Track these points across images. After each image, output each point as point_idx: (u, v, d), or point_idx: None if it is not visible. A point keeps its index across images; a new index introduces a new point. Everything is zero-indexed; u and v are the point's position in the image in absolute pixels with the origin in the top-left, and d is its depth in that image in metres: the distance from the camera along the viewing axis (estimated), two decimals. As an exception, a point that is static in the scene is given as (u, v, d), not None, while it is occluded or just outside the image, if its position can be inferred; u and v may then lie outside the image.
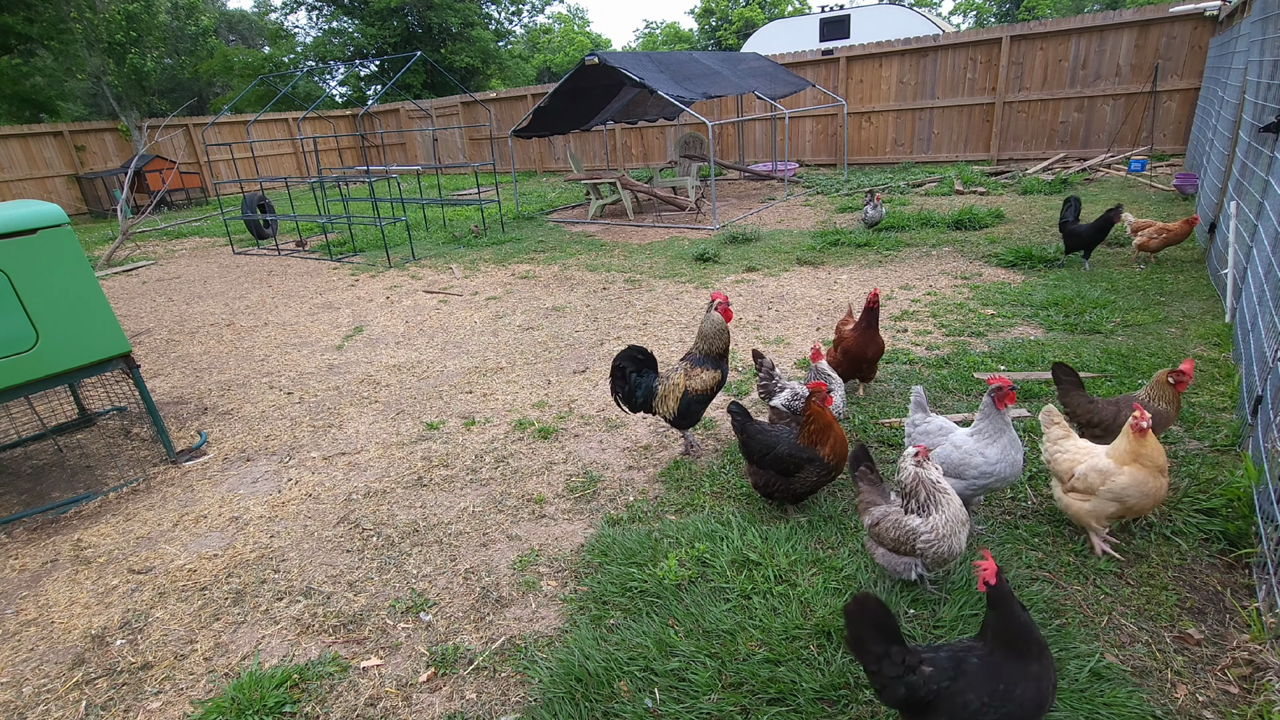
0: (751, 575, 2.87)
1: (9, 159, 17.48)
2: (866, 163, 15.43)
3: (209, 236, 14.12)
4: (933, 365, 4.95)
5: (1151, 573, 2.79)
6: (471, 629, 2.87)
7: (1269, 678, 2.25)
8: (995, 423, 2.88)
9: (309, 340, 6.94)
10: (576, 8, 62.89)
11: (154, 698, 2.67)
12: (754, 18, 40.44)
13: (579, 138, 18.98)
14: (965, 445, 2.93)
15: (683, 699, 2.37)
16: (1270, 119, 4.77)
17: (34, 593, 3.38)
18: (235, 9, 43.67)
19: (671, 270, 8.32)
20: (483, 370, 5.73)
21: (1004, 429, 2.88)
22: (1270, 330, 3.45)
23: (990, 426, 2.89)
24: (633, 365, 3.91)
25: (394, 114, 23.94)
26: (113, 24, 21.98)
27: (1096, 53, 12.43)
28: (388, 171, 14.14)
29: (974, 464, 2.88)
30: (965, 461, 2.91)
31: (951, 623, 2.54)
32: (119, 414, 5.35)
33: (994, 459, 2.86)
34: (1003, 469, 2.87)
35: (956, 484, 2.93)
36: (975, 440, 2.92)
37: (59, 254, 3.89)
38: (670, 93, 10.25)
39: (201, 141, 18.89)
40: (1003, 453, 2.86)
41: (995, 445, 2.87)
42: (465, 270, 9.32)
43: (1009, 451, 2.87)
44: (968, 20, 46.58)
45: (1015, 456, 2.88)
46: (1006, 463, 2.87)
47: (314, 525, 3.73)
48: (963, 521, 2.55)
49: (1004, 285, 6.64)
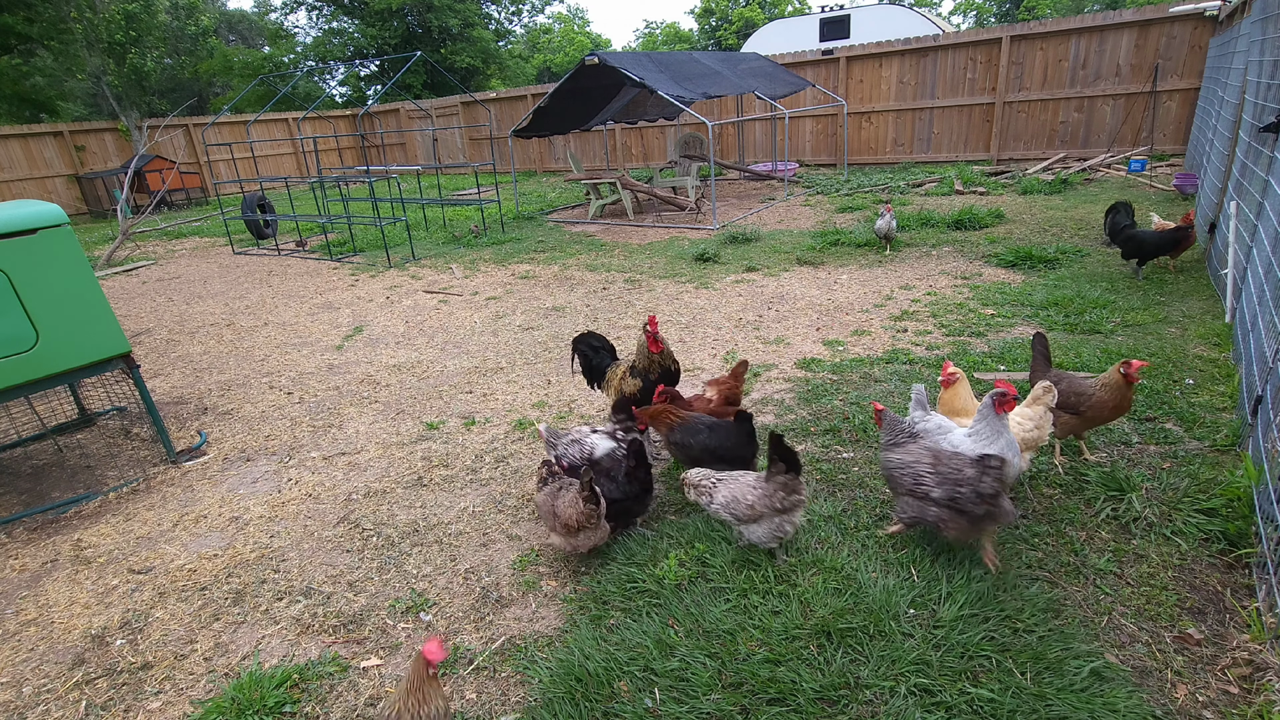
0: (751, 575, 2.87)
1: (9, 159, 17.48)
2: (866, 163, 15.43)
3: (209, 236, 14.12)
4: (933, 365, 4.95)
5: (1151, 573, 2.79)
6: (471, 629, 2.87)
7: (1269, 678, 2.25)
8: (994, 425, 2.89)
9: (309, 340, 6.94)
10: (576, 8, 62.96)
11: (154, 698, 2.67)
12: (754, 18, 40.44)
13: (579, 138, 18.98)
14: (963, 445, 2.94)
15: (683, 699, 2.37)
16: (1270, 119, 4.77)
17: (34, 593, 3.38)
18: (235, 9, 43.70)
19: (671, 270, 8.32)
20: (483, 370, 5.73)
21: (1002, 431, 2.88)
22: (1270, 330, 3.45)
23: (988, 429, 2.90)
24: (589, 349, 4.44)
25: (394, 114, 23.95)
26: (112, 24, 21.99)
27: (1096, 53, 12.43)
28: (388, 171, 14.15)
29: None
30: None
31: (951, 622, 2.54)
32: (119, 414, 5.35)
33: None
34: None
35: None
36: (973, 441, 2.92)
37: (59, 254, 3.89)
38: (670, 93, 10.25)
39: (201, 141, 18.89)
40: (1000, 454, 2.87)
41: (994, 447, 2.87)
42: (465, 270, 9.32)
43: (1006, 453, 2.87)
44: (968, 20, 46.61)
45: (1013, 458, 2.89)
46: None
47: (314, 525, 3.73)
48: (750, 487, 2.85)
49: (1004, 285, 6.64)
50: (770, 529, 2.85)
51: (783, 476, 2.81)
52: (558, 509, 2.99)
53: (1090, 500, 3.25)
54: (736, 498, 2.87)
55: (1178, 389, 4.22)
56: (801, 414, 4.40)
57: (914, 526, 2.92)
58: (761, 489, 2.85)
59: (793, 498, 2.81)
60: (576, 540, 2.99)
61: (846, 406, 4.41)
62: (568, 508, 2.95)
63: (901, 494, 2.88)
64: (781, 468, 2.82)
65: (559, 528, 2.99)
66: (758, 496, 2.83)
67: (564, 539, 3.01)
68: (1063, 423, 3.48)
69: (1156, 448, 3.64)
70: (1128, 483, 3.24)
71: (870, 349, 5.42)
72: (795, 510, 2.85)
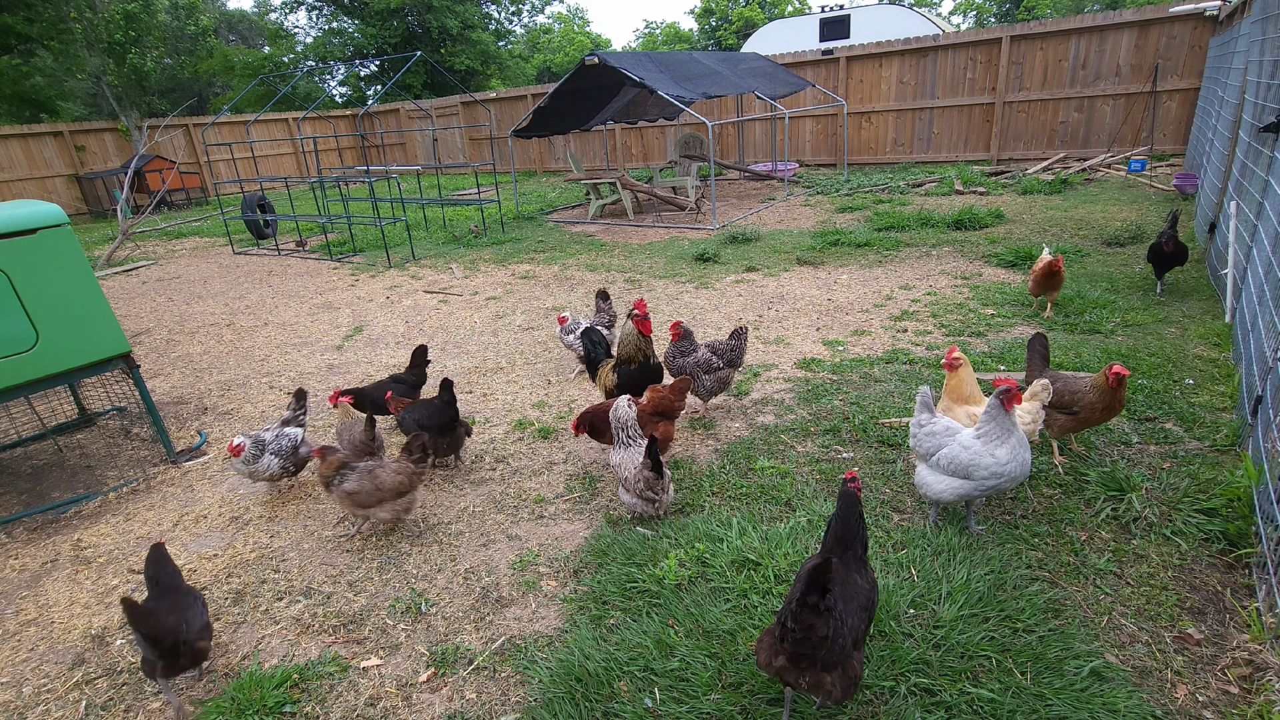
0: (751, 575, 2.87)
1: (9, 159, 17.48)
2: (866, 163, 15.43)
3: (209, 236, 14.12)
4: (933, 365, 4.95)
5: (1151, 573, 2.79)
6: (471, 629, 2.87)
7: (1269, 678, 2.25)
8: (1003, 424, 2.88)
9: (309, 340, 6.94)
10: (576, 8, 62.95)
11: (154, 698, 2.67)
12: (754, 18, 40.44)
13: (579, 138, 18.98)
14: (973, 447, 2.91)
15: (683, 699, 2.37)
16: (1270, 119, 4.78)
17: (34, 593, 3.38)
18: (235, 9, 43.71)
19: (671, 270, 8.32)
20: (483, 370, 5.73)
21: (1011, 429, 2.88)
22: (1270, 330, 3.45)
23: (998, 428, 2.89)
24: (590, 344, 4.65)
25: (394, 114, 23.94)
26: (112, 24, 21.94)
27: (1096, 53, 12.43)
28: (388, 171, 14.14)
29: (984, 464, 2.86)
30: (974, 462, 2.87)
31: (951, 622, 2.54)
32: (119, 414, 5.35)
33: (1004, 459, 2.84)
34: (1013, 469, 2.86)
35: (964, 485, 2.92)
36: (983, 442, 2.90)
37: (59, 254, 3.89)
38: (670, 93, 10.25)
39: (201, 141, 18.88)
40: (1012, 452, 2.85)
41: (1004, 446, 2.86)
42: (465, 270, 9.32)
43: (1019, 451, 2.86)
44: (968, 20, 46.60)
45: (1025, 455, 2.88)
46: (1017, 462, 2.86)
47: (314, 525, 3.73)
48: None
49: (1004, 285, 6.64)
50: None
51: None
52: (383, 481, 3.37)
53: (1090, 500, 3.25)
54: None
55: (1178, 389, 4.22)
56: (801, 414, 4.40)
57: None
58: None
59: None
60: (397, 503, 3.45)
61: (846, 406, 4.41)
62: (395, 475, 3.39)
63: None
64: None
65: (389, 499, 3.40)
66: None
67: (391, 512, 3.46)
68: (1059, 423, 3.48)
69: (1156, 448, 3.64)
70: (1128, 483, 3.24)
71: (870, 349, 5.42)
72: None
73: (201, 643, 2.55)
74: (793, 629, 1.96)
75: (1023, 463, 2.89)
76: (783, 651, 2.03)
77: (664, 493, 3.32)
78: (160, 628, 2.46)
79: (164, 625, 2.47)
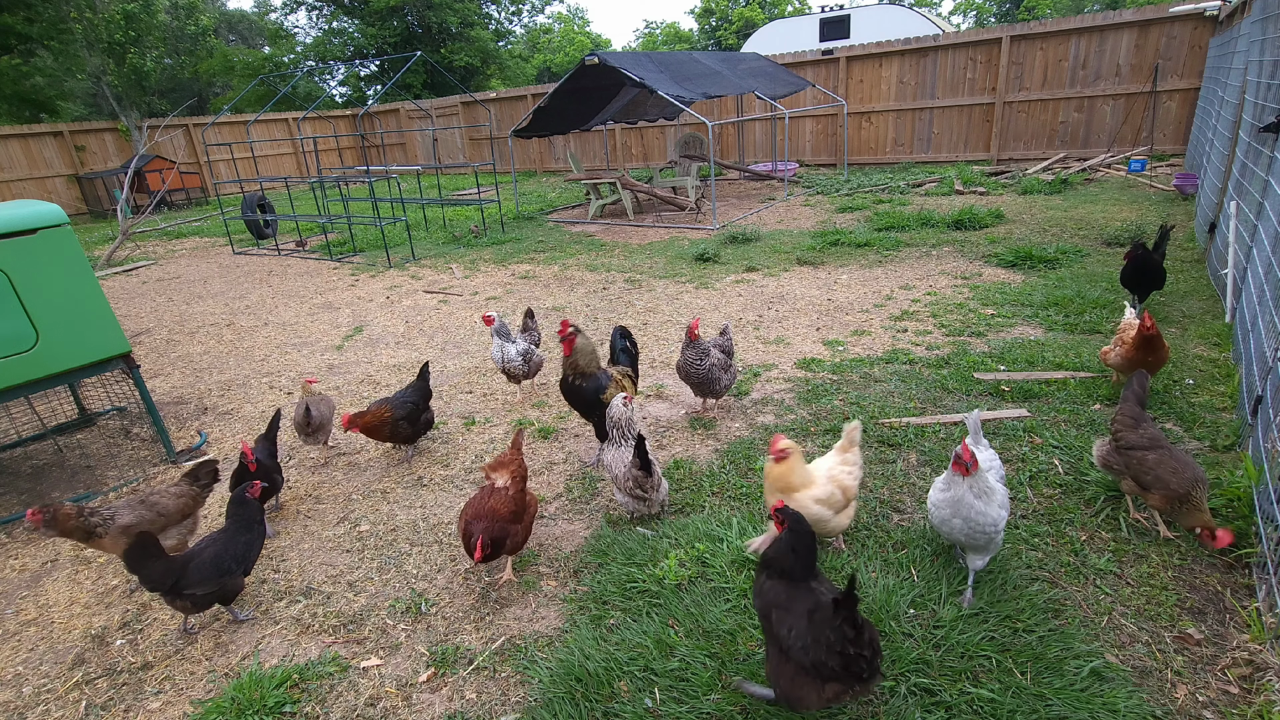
0: (751, 575, 2.87)
1: (9, 159, 17.48)
2: (867, 163, 15.43)
3: (209, 236, 14.13)
4: (933, 365, 4.95)
5: (1151, 573, 2.79)
6: (471, 629, 2.87)
7: (1269, 678, 2.25)
8: (980, 483, 2.59)
9: (309, 340, 6.94)
10: (576, 8, 62.98)
11: (154, 698, 2.67)
12: (754, 18, 40.43)
13: (579, 138, 18.97)
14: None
15: (683, 699, 2.37)
16: (1270, 119, 4.77)
17: (34, 593, 3.38)
18: (235, 9, 43.72)
19: (671, 270, 8.32)
20: (483, 370, 5.73)
21: (992, 489, 2.62)
22: (1270, 330, 3.45)
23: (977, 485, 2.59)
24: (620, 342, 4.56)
25: (394, 114, 23.94)
26: (112, 24, 21.92)
27: (1096, 53, 12.43)
28: (388, 171, 14.13)
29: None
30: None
31: (951, 622, 2.54)
32: (119, 414, 5.35)
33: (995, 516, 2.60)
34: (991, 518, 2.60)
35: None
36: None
37: (59, 254, 3.89)
38: (670, 93, 10.25)
39: (201, 141, 18.88)
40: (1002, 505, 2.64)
41: (993, 502, 2.60)
42: (465, 270, 9.32)
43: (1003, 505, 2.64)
44: (968, 20, 46.61)
45: (1000, 510, 2.62)
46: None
47: (314, 525, 3.73)
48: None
49: (1004, 285, 6.64)
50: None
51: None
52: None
53: (1090, 500, 3.25)
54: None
55: (1178, 389, 4.22)
56: (801, 414, 4.40)
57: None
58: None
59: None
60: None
61: (846, 406, 4.41)
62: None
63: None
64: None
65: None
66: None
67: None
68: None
69: (1156, 448, 3.64)
70: (1128, 483, 3.24)
71: (870, 349, 5.42)
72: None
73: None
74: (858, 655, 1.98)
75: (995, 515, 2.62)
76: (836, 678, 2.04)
77: (654, 490, 3.31)
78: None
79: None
